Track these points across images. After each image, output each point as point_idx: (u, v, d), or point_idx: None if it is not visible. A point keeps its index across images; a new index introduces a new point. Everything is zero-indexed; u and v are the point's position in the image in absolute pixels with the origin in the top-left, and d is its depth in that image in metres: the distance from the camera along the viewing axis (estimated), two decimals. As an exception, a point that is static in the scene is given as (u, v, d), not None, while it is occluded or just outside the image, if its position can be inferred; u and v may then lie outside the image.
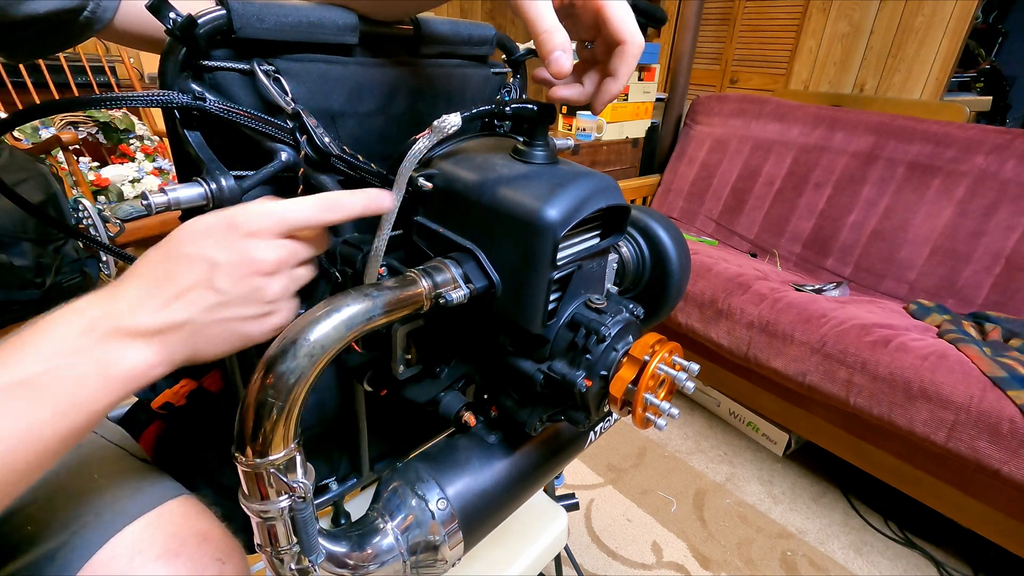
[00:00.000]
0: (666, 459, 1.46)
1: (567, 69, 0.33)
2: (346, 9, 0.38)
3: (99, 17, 0.43)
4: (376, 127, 0.42)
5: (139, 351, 0.29)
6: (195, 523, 0.39)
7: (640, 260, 0.46)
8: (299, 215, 0.32)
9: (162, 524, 0.38)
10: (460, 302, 0.34)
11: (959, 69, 2.34)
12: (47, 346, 0.28)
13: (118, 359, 0.29)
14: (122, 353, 0.29)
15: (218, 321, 0.31)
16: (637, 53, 0.35)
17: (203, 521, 0.40)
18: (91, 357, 0.28)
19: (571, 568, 0.97)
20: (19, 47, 0.43)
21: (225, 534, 0.41)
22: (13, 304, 0.79)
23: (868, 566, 1.18)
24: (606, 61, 0.36)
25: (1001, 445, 0.94)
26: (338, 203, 0.33)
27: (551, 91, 0.38)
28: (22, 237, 0.77)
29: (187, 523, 0.39)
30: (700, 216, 1.88)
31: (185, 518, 0.39)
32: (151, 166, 1.84)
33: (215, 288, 0.30)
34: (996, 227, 1.32)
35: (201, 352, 0.32)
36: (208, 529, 0.40)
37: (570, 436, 0.50)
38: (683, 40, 1.89)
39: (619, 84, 0.37)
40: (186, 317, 0.30)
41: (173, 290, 0.30)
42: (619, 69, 0.36)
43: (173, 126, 0.35)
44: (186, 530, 0.38)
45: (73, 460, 0.41)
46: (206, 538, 0.39)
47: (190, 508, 0.40)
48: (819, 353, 1.16)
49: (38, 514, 0.36)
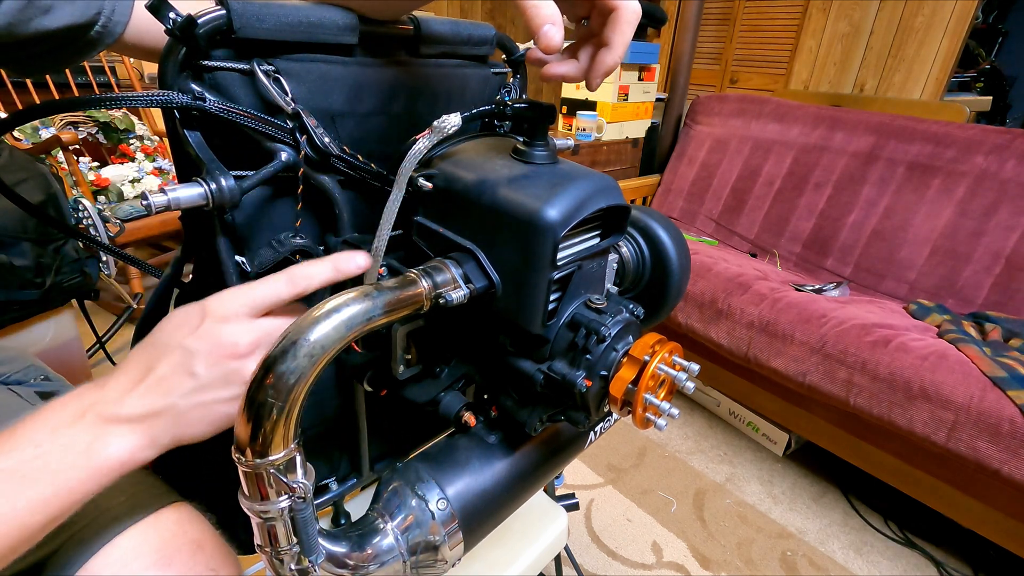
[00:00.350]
0: (666, 459, 1.46)
1: (557, 42, 0.32)
2: (346, 9, 0.38)
3: (110, 31, 0.43)
4: (376, 127, 0.42)
5: (124, 437, 0.31)
6: (189, 531, 0.40)
7: (640, 260, 0.46)
8: (266, 293, 0.33)
9: (156, 532, 0.38)
10: (460, 302, 0.34)
11: (959, 69, 2.34)
12: (39, 434, 0.29)
13: (104, 445, 0.30)
14: (108, 439, 0.30)
15: (198, 405, 0.32)
16: (632, 20, 0.34)
17: (197, 529, 0.40)
18: (79, 442, 0.30)
19: (571, 568, 0.97)
20: (30, 63, 0.43)
21: (219, 542, 0.41)
22: (13, 304, 0.79)
23: (868, 566, 1.18)
24: (601, 33, 0.35)
25: (1001, 445, 0.94)
26: (304, 274, 0.34)
27: (544, 69, 0.37)
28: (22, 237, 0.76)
29: (181, 531, 0.39)
30: (700, 216, 1.88)
31: (179, 525, 0.39)
32: (151, 166, 1.84)
33: (192, 374, 0.31)
34: (996, 227, 1.32)
35: (185, 434, 0.33)
36: (202, 537, 0.40)
37: (570, 436, 0.50)
38: (683, 40, 1.89)
39: (614, 54, 0.35)
40: (167, 403, 0.31)
41: (154, 379, 0.31)
42: (614, 38, 0.34)
43: (173, 126, 0.35)
44: (180, 538, 0.39)
45: None
46: (200, 547, 0.39)
47: (184, 515, 0.40)
48: (819, 353, 1.16)
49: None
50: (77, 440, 0.30)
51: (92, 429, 0.30)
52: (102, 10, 0.42)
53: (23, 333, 0.85)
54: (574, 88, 2.07)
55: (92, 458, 0.30)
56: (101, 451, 0.30)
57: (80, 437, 0.30)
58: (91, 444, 0.30)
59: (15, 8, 0.37)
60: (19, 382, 0.53)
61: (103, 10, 0.42)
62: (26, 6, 0.38)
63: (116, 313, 1.80)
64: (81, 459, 0.29)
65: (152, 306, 0.47)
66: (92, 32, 0.42)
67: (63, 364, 0.83)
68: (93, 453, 0.30)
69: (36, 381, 0.54)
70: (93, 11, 0.41)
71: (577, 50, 0.38)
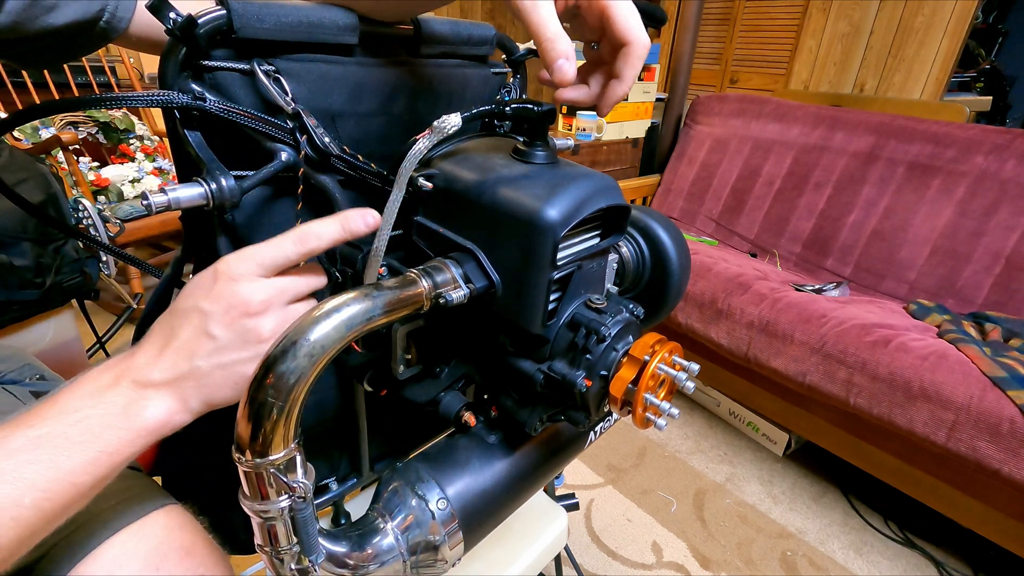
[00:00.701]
0: (666, 459, 1.46)
1: (571, 78, 0.33)
2: (346, 9, 0.38)
3: (114, 27, 0.44)
4: (376, 127, 0.42)
5: (159, 401, 0.32)
6: (178, 536, 0.40)
7: (640, 260, 0.46)
8: (273, 252, 0.33)
9: (144, 537, 0.38)
10: (460, 302, 0.34)
11: (959, 69, 2.34)
12: (78, 400, 0.30)
13: (141, 408, 0.31)
14: (144, 403, 0.31)
15: (219, 366, 0.32)
16: (643, 55, 0.35)
17: (187, 533, 0.40)
18: (117, 405, 0.31)
19: (571, 568, 0.97)
20: (36, 57, 0.44)
21: (210, 546, 0.41)
22: (13, 304, 0.79)
23: (868, 566, 1.18)
24: (611, 62, 0.36)
25: (1001, 445, 0.94)
26: (312, 232, 0.34)
27: (557, 93, 0.38)
28: (22, 237, 0.76)
29: (170, 536, 0.39)
30: (700, 216, 1.88)
31: (168, 530, 0.39)
32: (151, 166, 1.84)
33: (210, 335, 0.32)
34: (996, 227, 1.32)
35: (214, 397, 0.33)
36: (192, 542, 0.40)
37: (570, 436, 0.50)
38: (683, 40, 1.89)
39: (625, 86, 0.37)
40: (191, 367, 0.32)
41: (176, 343, 0.32)
42: (624, 71, 0.36)
43: (173, 126, 0.35)
44: (168, 544, 0.39)
45: None
46: (189, 552, 0.39)
47: (174, 520, 0.40)
48: (819, 353, 1.16)
49: None
50: (115, 404, 0.31)
51: (128, 393, 0.31)
52: (106, 6, 0.42)
53: (23, 333, 0.85)
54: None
55: (131, 420, 0.31)
56: (139, 414, 0.31)
57: (117, 400, 0.31)
58: (128, 407, 0.31)
59: (20, 7, 0.37)
60: (14, 381, 0.53)
61: (107, 7, 0.42)
62: (31, 5, 0.38)
63: (116, 313, 1.80)
64: (121, 420, 0.30)
65: (152, 306, 0.47)
66: (97, 28, 0.43)
67: (63, 364, 0.83)
68: (132, 416, 0.31)
69: (31, 380, 0.54)
70: (96, 8, 0.41)
71: (587, 75, 0.39)
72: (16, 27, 0.38)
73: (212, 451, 0.51)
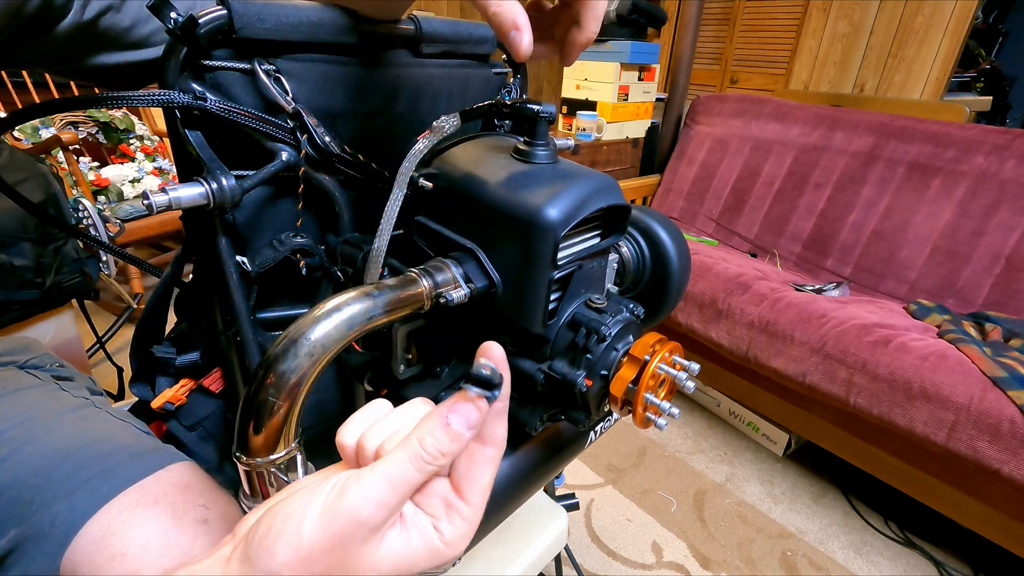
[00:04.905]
0: (666, 459, 1.46)
1: (525, 49, 0.32)
2: (346, 9, 0.38)
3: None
4: (377, 127, 0.42)
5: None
6: (175, 476, 0.40)
7: (640, 260, 0.46)
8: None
9: (147, 485, 0.38)
10: (461, 302, 0.34)
11: (959, 69, 2.34)
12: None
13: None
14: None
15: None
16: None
17: (186, 474, 0.41)
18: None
19: (571, 568, 0.97)
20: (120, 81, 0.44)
21: (210, 483, 0.41)
22: (13, 304, 0.79)
23: (868, 566, 1.18)
24: (572, 4, 0.35)
25: (1001, 445, 0.94)
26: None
27: (518, 51, 0.37)
28: (22, 237, 0.76)
29: (168, 476, 0.40)
30: (700, 216, 1.88)
31: (168, 472, 0.40)
32: (151, 166, 1.84)
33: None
34: (996, 227, 1.32)
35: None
36: (190, 480, 0.40)
37: (570, 436, 0.50)
38: (683, 40, 1.89)
39: (586, 33, 0.35)
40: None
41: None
42: (584, 15, 0.34)
43: (174, 126, 0.35)
44: (167, 483, 0.39)
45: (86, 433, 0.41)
46: (187, 487, 0.39)
47: (175, 469, 0.41)
48: (819, 353, 1.16)
49: (41, 480, 0.37)
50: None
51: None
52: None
53: (23, 333, 0.85)
54: (575, 88, 2.07)
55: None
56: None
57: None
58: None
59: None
60: (36, 367, 0.53)
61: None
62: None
63: (116, 313, 1.80)
64: None
65: (152, 306, 0.47)
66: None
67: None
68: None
69: (52, 367, 0.54)
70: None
71: (551, 26, 0.37)
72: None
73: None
